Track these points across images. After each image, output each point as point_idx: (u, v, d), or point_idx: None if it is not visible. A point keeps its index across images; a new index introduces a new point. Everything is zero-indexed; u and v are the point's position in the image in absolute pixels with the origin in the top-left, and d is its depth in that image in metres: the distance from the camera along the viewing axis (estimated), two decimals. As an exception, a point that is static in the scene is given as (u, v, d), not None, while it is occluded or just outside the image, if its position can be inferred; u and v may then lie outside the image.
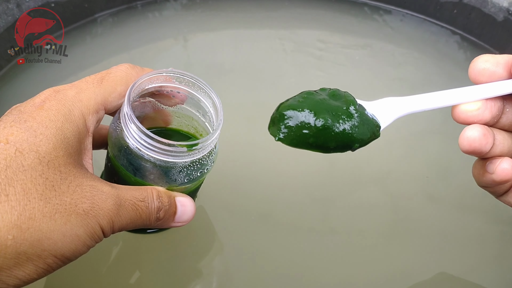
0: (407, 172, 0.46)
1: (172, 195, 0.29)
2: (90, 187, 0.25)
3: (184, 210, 0.30)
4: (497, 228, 0.42)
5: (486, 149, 0.28)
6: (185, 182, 0.29)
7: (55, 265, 0.23)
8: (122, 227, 0.26)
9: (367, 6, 0.66)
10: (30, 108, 0.26)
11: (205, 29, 0.59)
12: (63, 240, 0.23)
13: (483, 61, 0.27)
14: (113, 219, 0.25)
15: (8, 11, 0.49)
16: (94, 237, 0.25)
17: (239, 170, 0.44)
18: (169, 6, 0.61)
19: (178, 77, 0.30)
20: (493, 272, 0.39)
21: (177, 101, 0.31)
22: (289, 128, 0.27)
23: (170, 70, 0.30)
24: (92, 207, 0.24)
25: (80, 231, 0.24)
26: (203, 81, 0.30)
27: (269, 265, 0.38)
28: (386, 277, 0.38)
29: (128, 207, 0.26)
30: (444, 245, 0.40)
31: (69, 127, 0.26)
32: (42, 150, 0.24)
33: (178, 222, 0.30)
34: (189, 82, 0.30)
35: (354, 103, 0.28)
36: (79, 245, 0.24)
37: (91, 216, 0.24)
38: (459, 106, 0.28)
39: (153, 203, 0.27)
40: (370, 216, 0.42)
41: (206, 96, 0.31)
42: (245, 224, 0.41)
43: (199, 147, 0.28)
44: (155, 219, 0.28)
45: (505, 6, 0.59)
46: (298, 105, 0.27)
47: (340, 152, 0.27)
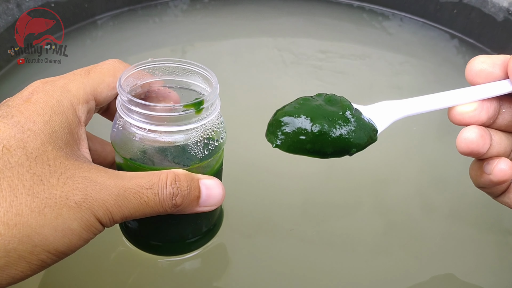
0: (403, 176, 0.46)
1: (196, 178, 0.27)
2: (83, 178, 0.24)
3: (209, 193, 0.28)
4: (492, 235, 0.42)
5: (484, 150, 0.27)
6: (205, 156, 0.28)
7: (50, 260, 0.23)
8: (126, 216, 0.25)
9: (365, 12, 0.66)
10: (18, 102, 0.25)
11: (204, 38, 0.59)
12: (54, 235, 0.22)
13: (479, 62, 0.27)
14: (111, 209, 0.24)
15: (8, 11, 0.50)
16: (90, 229, 0.24)
17: (237, 175, 0.44)
18: (169, 12, 0.61)
19: (160, 67, 0.30)
20: (489, 278, 0.39)
21: (171, 101, 0.31)
22: (286, 135, 0.27)
23: (150, 61, 0.29)
24: (85, 198, 0.23)
25: (74, 224, 0.23)
26: (185, 60, 0.30)
27: (267, 266, 0.38)
28: (382, 281, 0.38)
29: (130, 197, 0.25)
30: (439, 251, 0.40)
31: (57, 119, 0.25)
32: (29, 146, 0.23)
33: (205, 207, 0.28)
34: (172, 68, 0.30)
35: (350, 108, 0.28)
36: (74, 238, 0.23)
37: (84, 208, 0.23)
38: (455, 108, 0.28)
39: (164, 189, 0.25)
40: (367, 220, 0.42)
41: (195, 75, 0.30)
42: (244, 225, 0.41)
43: (205, 105, 0.27)
44: (170, 206, 0.26)
45: (505, 6, 0.59)
46: (294, 111, 0.27)
47: (337, 157, 0.27)
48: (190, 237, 0.32)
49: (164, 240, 0.32)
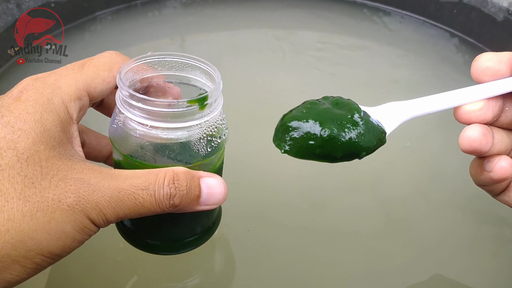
0: (401, 173, 0.46)
1: (197, 176, 0.26)
2: (76, 180, 0.23)
3: (210, 192, 0.27)
4: (491, 230, 0.42)
5: (486, 149, 0.27)
6: (208, 153, 0.27)
7: (45, 263, 0.23)
8: (120, 217, 0.24)
9: (366, 7, 0.66)
10: (8, 100, 0.24)
11: (203, 30, 0.59)
12: (48, 239, 0.22)
13: (486, 59, 0.27)
14: (104, 211, 0.23)
15: (8, 11, 0.50)
16: (84, 231, 0.23)
17: (235, 172, 0.44)
18: (168, 4, 0.61)
19: (160, 61, 0.29)
20: (487, 274, 0.39)
21: (171, 96, 0.30)
22: (294, 140, 0.26)
23: (149, 55, 0.28)
24: (78, 200, 0.23)
25: (67, 227, 0.23)
26: (186, 54, 0.29)
27: (266, 266, 0.38)
28: (381, 278, 0.38)
29: (124, 198, 0.24)
30: (438, 246, 0.40)
31: (49, 117, 0.24)
32: (20, 147, 0.23)
33: (206, 205, 0.27)
34: (173, 63, 0.29)
35: (358, 111, 0.27)
36: (68, 241, 0.23)
37: (77, 210, 0.23)
38: (462, 107, 0.27)
39: (161, 190, 0.25)
40: (366, 217, 0.42)
41: (195, 69, 0.29)
42: (242, 226, 0.41)
43: (209, 101, 0.26)
44: (168, 206, 0.25)
45: (505, 6, 0.59)
46: (302, 116, 0.26)
47: (347, 161, 0.27)
48: (188, 236, 0.32)
49: (162, 239, 0.31)
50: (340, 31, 0.62)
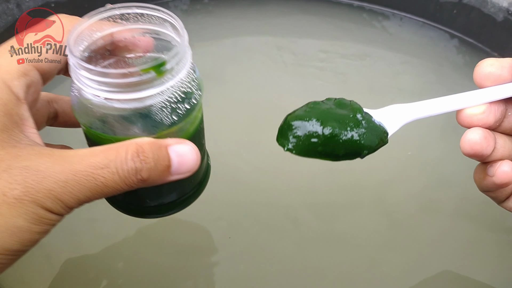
0: (405, 176, 0.46)
1: (164, 145, 0.24)
2: (21, 169, 0.21)
3: (181, 160, 0.24)
4: (494, 234, 0.42)
5: (488, 152, 0.27)
6: (175, 121, 0.25)
7: (6, 260, 0.21)
8: (82, 201, 0.22)
9: (366, 12, 0.66)
10: None
11: (204, 38, 0.59)
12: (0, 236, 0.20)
13: (488, 65, 0.27)
14: (60, 197, 0.21)
15: (8, 11, 0.49)
16: (42, 222, 0.21)
17: (238, 178, 0.44)
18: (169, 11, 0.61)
19: (123, 14, 0.26)
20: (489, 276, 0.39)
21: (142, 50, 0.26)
22: (297, 138, 0.27)
23: (108, 8, 0.25)
24: (26, 191, 0.21)
25: (19, 221, 0.21)
26: (149, 5, 0.26)
27: (266, 267, 0.38)
28: (384, 278, 0.38)
29: (82, 180, 0.21)
30: (441, 250, 0.41)
31: None
32: None
33: (178, 175, 0.24)
34: (137, 15, 0.26)
35: (360, 111, 0.28)
36: (25, 235, 0.21)
37: (26, 202, 0.21)
38: (464, 110, 0.28)
39: (124, 166, 0.22)
40: (369, 221, 0.42)
41: (165, 22, 0.26)
42: (242, 226, 0.41)
43: (169, 66, 0.23)
44: (136, 181, 0.23)
45: (505, 6, 0.59)
46: (305, 115, 0.27)
47: (349, 159, 0.27)
48: (175, 199, 0.29)
49: (146, 205, 0.29)
50: (341, 38, 0.62)
